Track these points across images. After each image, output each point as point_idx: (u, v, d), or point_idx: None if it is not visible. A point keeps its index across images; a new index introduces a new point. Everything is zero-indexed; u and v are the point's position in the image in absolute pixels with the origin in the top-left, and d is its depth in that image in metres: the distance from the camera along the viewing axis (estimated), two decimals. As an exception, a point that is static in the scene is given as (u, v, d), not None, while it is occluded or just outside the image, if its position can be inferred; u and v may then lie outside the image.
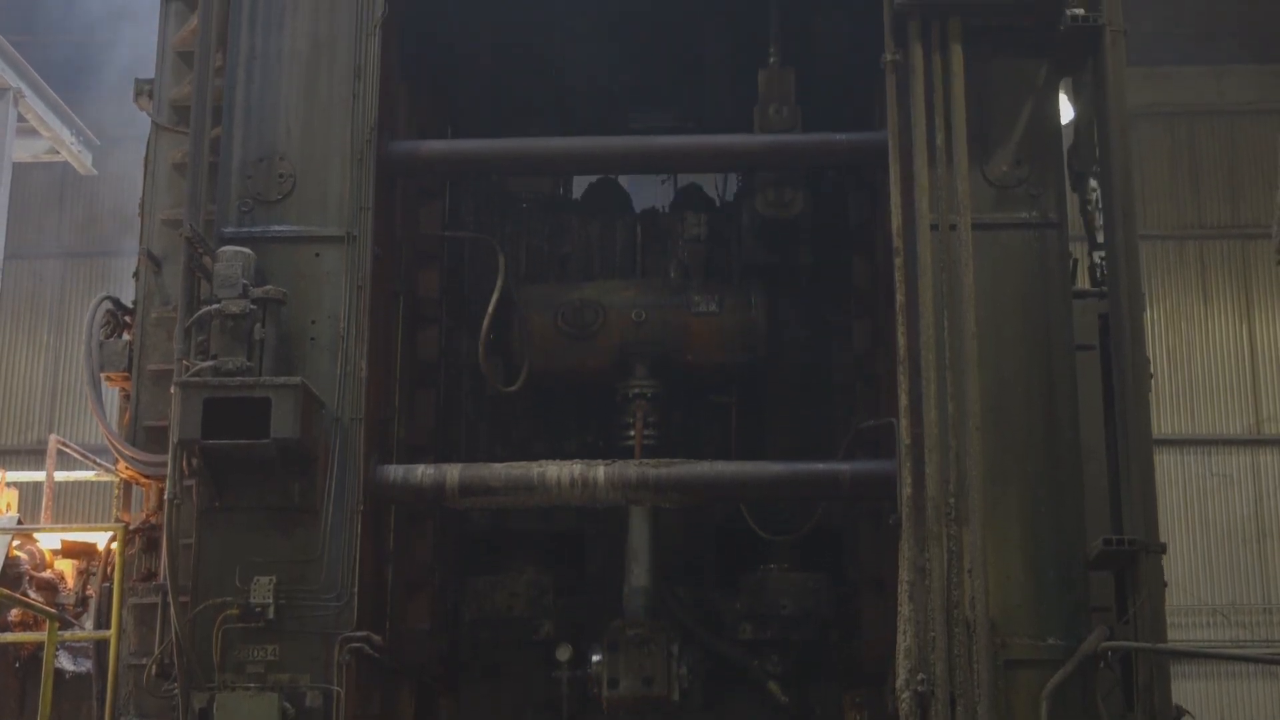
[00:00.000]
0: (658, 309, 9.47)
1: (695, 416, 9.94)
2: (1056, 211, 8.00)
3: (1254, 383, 22.45)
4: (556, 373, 9.59)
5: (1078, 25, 8.08)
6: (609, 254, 10.02)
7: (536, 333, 9.50)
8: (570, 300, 9.48)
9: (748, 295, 9.54)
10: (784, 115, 9.08)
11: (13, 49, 17.83)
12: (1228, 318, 22.60)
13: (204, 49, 8.32)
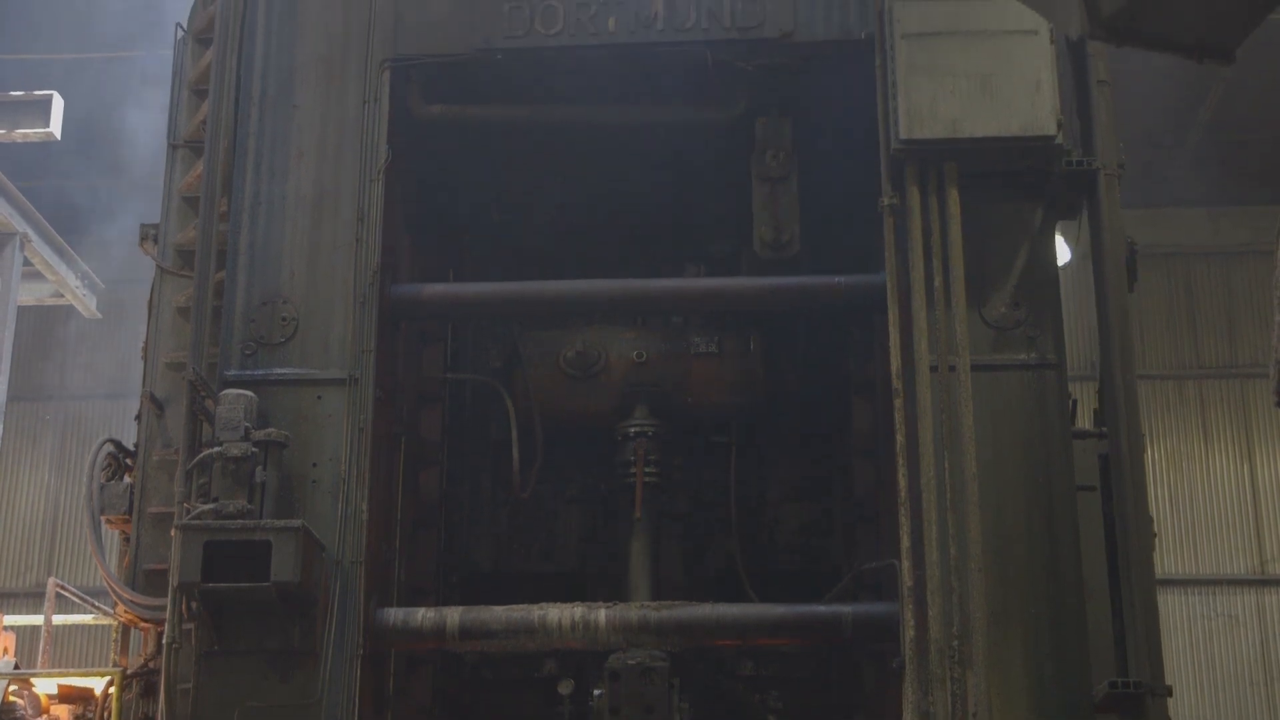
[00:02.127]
0: (658, 350, 9.58)
1: (695, 456, 10.00)
2: (1055, 352, 8.03)
3: (1257, 522, 22.35)
4: (559, 415, 9.66)
5: (1073, 170, 8.20)
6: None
7: (539, 377, 9.58)
8: (572, 344, 9.55)
9: (747, 339, 9.63)
10: (780, 161, 9.20)
11: (19, 194, 18.02)
12: (1229, 457, 22.56)
13: (209, 194, 8.42)
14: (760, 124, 9.22)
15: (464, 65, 8.79)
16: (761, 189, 9.19)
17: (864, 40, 8.45)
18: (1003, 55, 7.99)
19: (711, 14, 8.66)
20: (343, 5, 8.82)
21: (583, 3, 8.73)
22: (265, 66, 8.76)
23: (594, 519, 10.07)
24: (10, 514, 23.68)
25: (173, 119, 9.17)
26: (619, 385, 9.52)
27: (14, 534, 23.62)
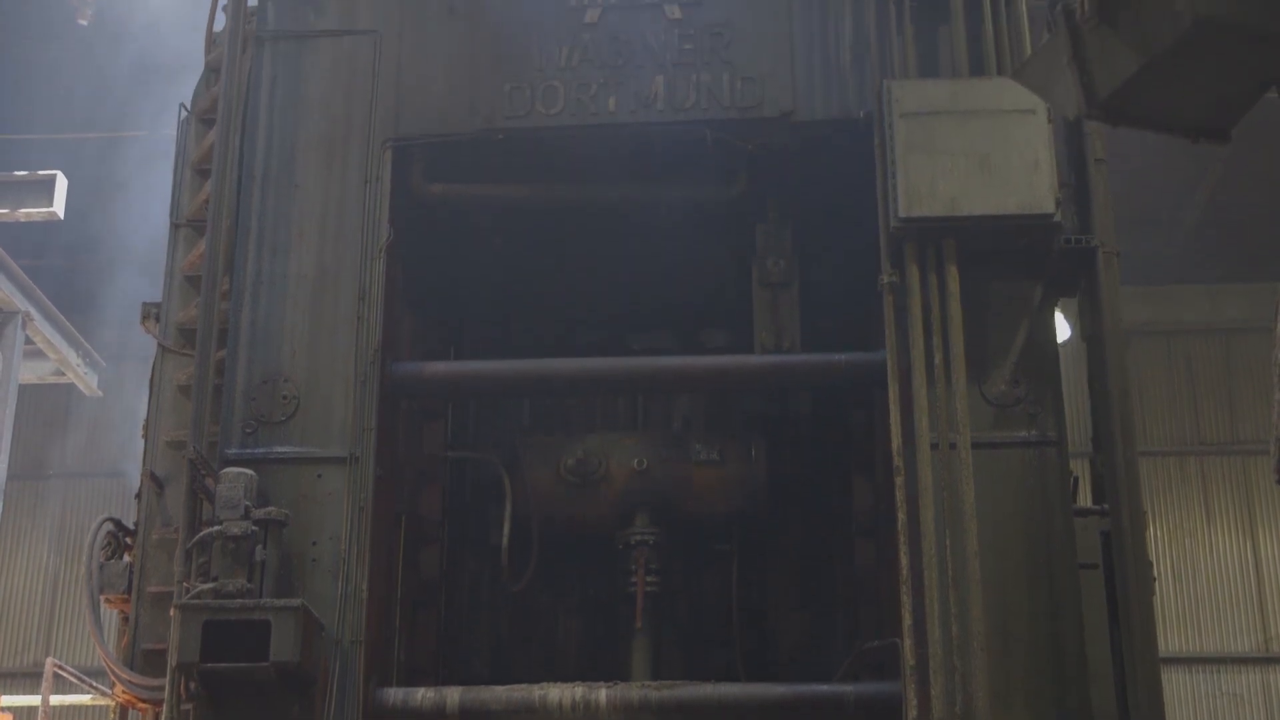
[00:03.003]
0: (659, 458, 9.53)
1: (697, 564, 9.95)
2: (1055, 429, 8.03)
3: (1261, 600, 22.29)
4: (559, 523, 9.61)
5: (1071, 248, 8.23)
6: (611, 407, 10.10)
7: (539, 485, 9.54)
8: (573, 452, 9.53)
9: (748, 446, 9.61)
10: (781, 267, 9.22)
11: (22, 272, 18.09)
12: (1231, 534, 22.53)
13: (211, 273, 8.45)
14: (760, 230, 9.27)
15: (465, 145, 8.84)
16: (763, 294, 9.21)
17: (863, 119, 8.50)
18: (1001, 134, 8.04)
19: (711, 94, 8.72)
20: (345, 86, 8.90)
21: (583, 83, 8.80)
22: (268, 146, 8.82)
23: (595, 628, 10.01)
24: (8, 592, 23.62)
25: (175, 198, 9.22)
26: (619, 493, 9.48)
27: (12, 612, 23.54)
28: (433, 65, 8.92)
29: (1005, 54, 8.52)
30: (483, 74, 8.87)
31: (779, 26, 8.83)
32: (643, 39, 8.86)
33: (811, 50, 8.78)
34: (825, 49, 8.77)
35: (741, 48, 8.80)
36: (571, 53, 8.87)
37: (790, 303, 9.20)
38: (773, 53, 8.78)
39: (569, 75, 8.81)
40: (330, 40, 9.01)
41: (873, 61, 8.61)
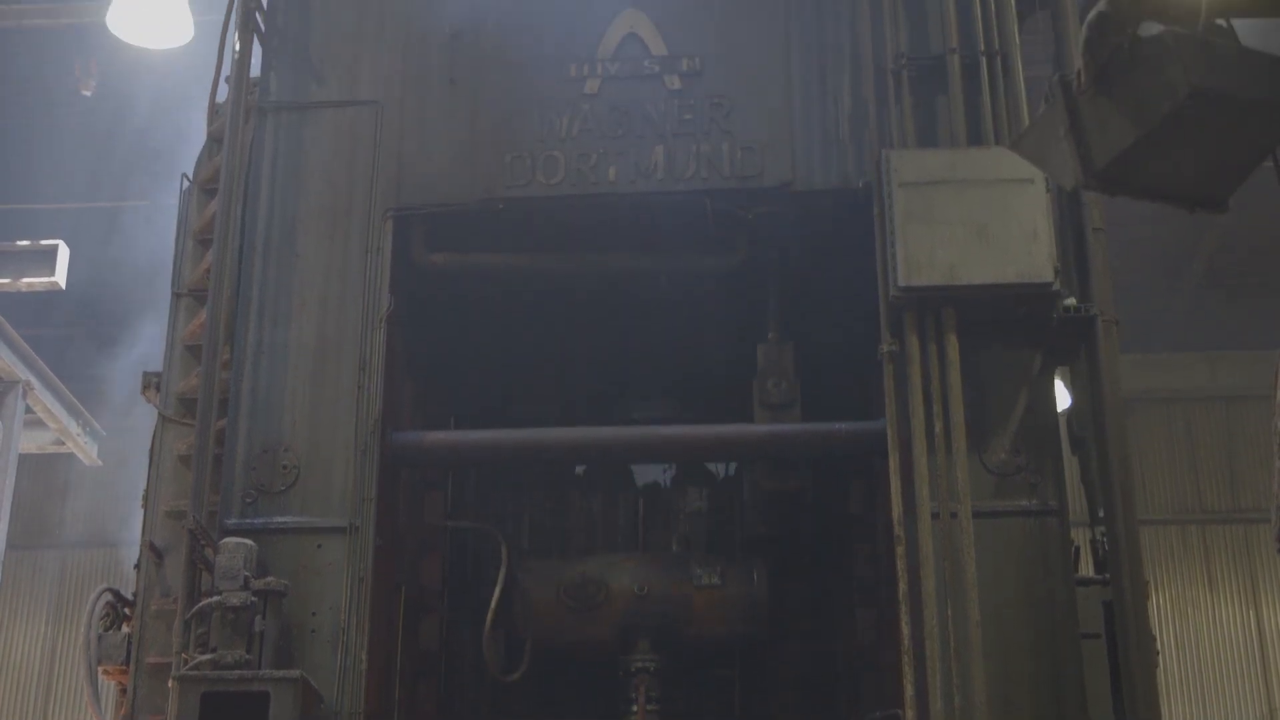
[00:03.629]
0: (660, 582, 9.48)
1: (699, 690, 9.88)
2: (1056, 498, 8.02)
3: (1264, 670, 22.15)
4: (558, 646, 9.56)
5: (1070, 316, 8.25)
6: (611, 528, 10.07)
7: (539, 608, 9.48)
8: (573, 575, 9.50)
9: (750, 568, 9.56)
10: (783, 389, 9.21)
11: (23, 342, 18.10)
12: (1234, 604, 22.43)
13: (212, 342, 8.46)
14: (761, 350, 9.29)
15: (466, 214, 8.88)
16: (763, 416, 9.22)
17: (862, 189, 8.54)
18: (999, 204, 8.08)
19: (711, 164, 8.76)
20: (347, 156, 8.94)
21: (583, 153, 8.84)
22: (269, 216, 8.86)
23: None
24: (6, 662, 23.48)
25: (177, 268, 9.24)
26: (619, 618, 9.45)
27: (9, 684, 23.40)
28: (434, 135, 8.97)
29: (1003, 124, 8.56)
30: (483, 144, 8.92)
31: (778, 97, 8.89)
32: (643, 109, 8.91)
33: (811, 120, 8.83)
34: (824, 119, 8.82)
35: (741, 118, 8.85)
36: (572, 123, 8.92)
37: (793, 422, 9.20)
38: (772, 123, 8.83)
39: (569, 145, 8.86)
40: (332, 111, 9.07)
41: (871, 132, 8.65)
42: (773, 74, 8.94)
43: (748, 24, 9.06)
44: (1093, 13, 4.56)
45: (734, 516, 9.95)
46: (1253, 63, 4.48)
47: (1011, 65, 8.70)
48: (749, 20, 9.07)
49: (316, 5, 9.32)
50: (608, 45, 9.05)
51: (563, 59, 9.05)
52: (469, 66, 9.10)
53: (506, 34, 9.16)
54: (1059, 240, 8.18)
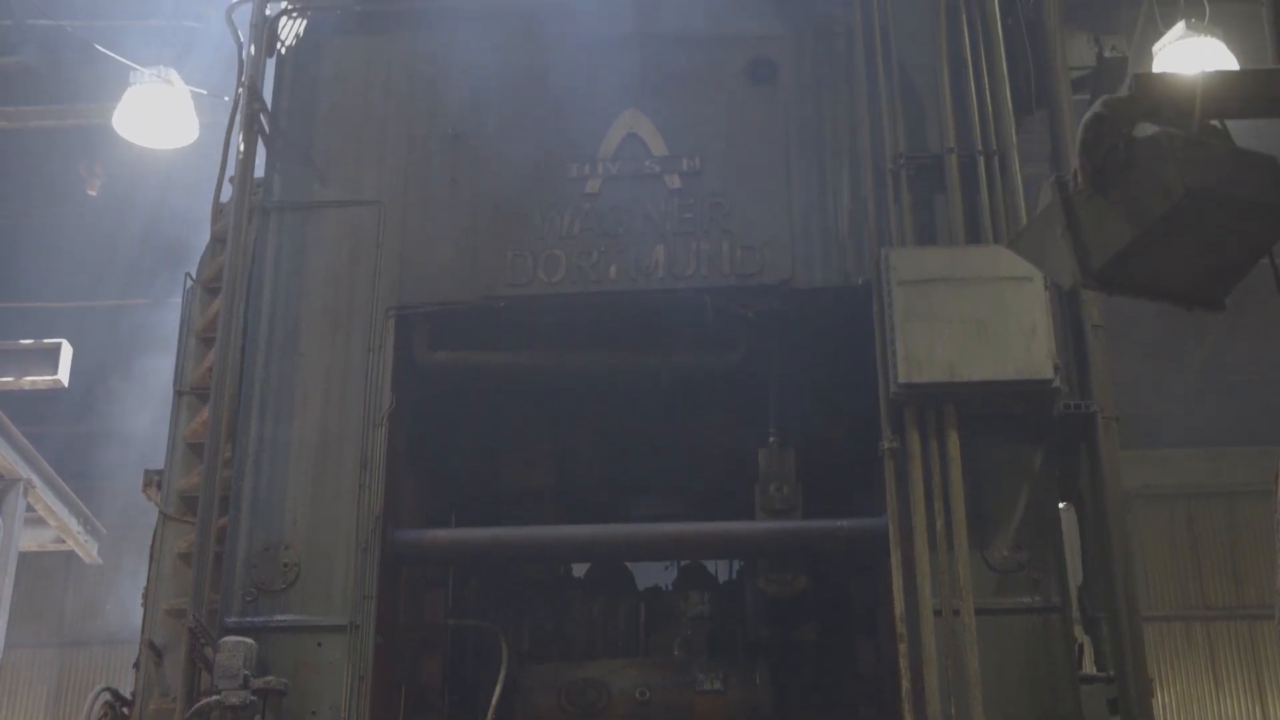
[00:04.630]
0: (662, 687, 9.41)
1: None
2: (1059, 594, 7.99)
3: (1271, 766, 21.97)
4: None
5: (1071, 413, 8.26)
6: (613, 633, 10.00)
7: (540, 711, 9.41)
8: (574, 680, 9.43)
9: (753, 672, 9.49)
10: (784, 494, 9.21)
11: (25, 440, 18.11)
12: (1240, 700, 22.25)
13: (214, 440, 8.47)
14: (763, 455, 9.31)
15: (468, 313, 8.92)
16: (765, 521, 9.23)
17: (861, 286, 8.58)
18: (998, 301, 8.12)
19: (711, 262, 8.82)
20: (349, 255, 9.00)
21: (584, 251, 8.90)
22: (272, 314, 8.90)
23: None
24: (4, 763, 23.30)
25: (179, 366, 9.27)
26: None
27: (7, 784, 23.20)
28: (435, 234, 9.03)
29: (1001, 222, 8.62)
30: (485, 242, 8.98)
31: (778, 196, 8.96)
32: (643, 208, 8.98)
33: (810, 219, 8.89)
34: (824, 217, 8.89)
35: (741, 216, 8.92)
36: (573, 222, 8.98)
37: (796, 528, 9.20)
38: (772, 221, 8.89)
39: (570, 244, 8.92)
40: (335, 210, 9.14)
41: (870, 229, 8.71)
42: (772, 173, 9.02)
43: (747, 124, 9.16)
44: (1088, 114, 4.62)
45: (736, 620, 9.89)
46: (1247, 163, 4.53)
47: (1009, 164, 8.77)
48: (748, 120, 9.17)
49: (320, 107, 9.43)
50: (609, 145, 9.14)
51: (564, 159, 9.13)
52: (470, 166, 9.18)
53: (508, 134, 9.25)
54: (1058, 337, 8.22)
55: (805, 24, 9.40)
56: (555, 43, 9.44)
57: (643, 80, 9.30)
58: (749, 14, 9.46)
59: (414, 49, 9.56)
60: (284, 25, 9.63)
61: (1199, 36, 12.66)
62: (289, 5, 9.65)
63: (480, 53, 9.45)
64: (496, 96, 9.36)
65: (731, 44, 9.37)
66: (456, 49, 9.49)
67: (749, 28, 9.42)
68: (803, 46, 9.35)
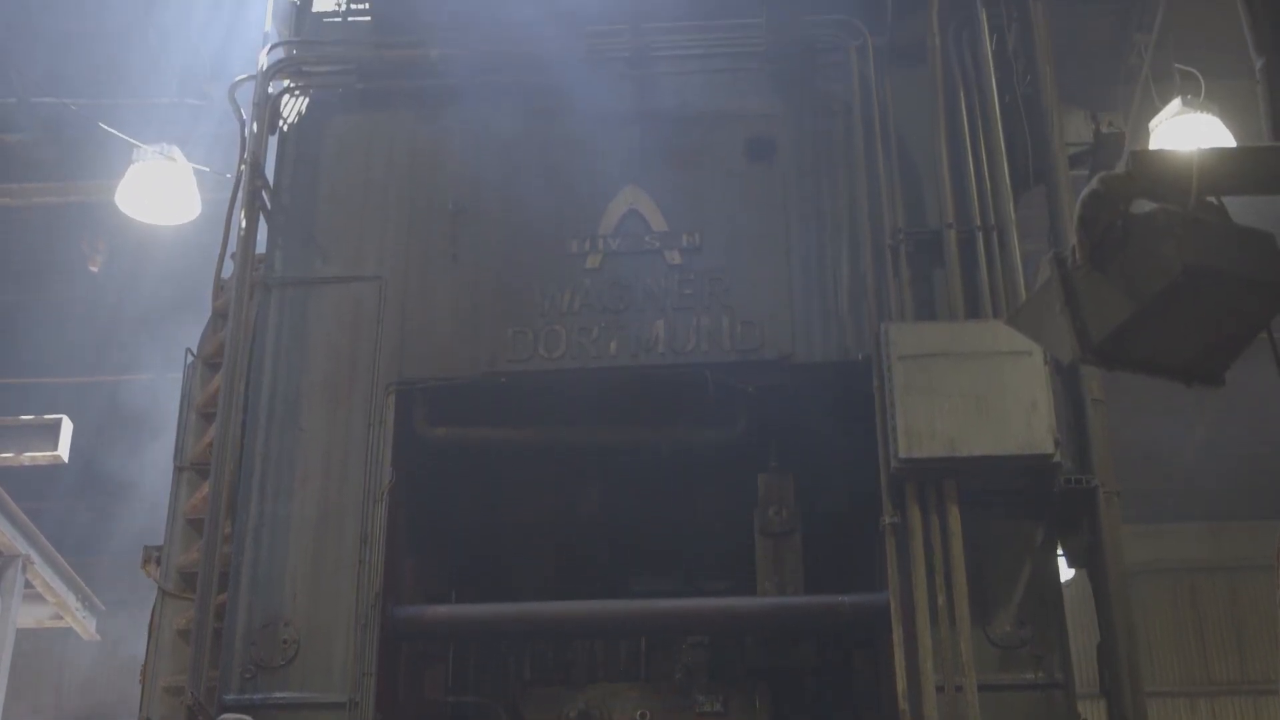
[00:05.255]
0: (662, 710, 9.39)
1: None
2: (1062, 671, 7.95)
3: (1276, 843, 21.78)
4: None
5: (1072, 488, 8.25)
6: (614, 658, 9.98)
7: None
8: (575, 704, 9.41)
9: (752, 696, 9.45)
10: (784, 517, 9.21)
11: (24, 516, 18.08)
12: (1245, 775, 22.11)
13: (214, 516, 8.46)
14: (762, 480, 9.33)
15: (468, 388, 8.93)
16: (765, 544, 9.24)
17: (861, 361, 8.60)
18: (997, 376, 8.13)
19: (711, 337, 8.84)
20: (350, 331, 9.03)
21: (585, 327, 8.93)
22: (273, 389, 8.92)
23: None
24: (-3, 845, 23.08)
25: (179, 441, 9.28)
26: None
27: None
28: (436, 309, 9.06)
29: (1000, 297, 8.65)
30: (485, 318, 9.01)
31: (777, 271, 9.00)
32: (643, 284, 9.02)
33: (810, 294, 8.93)
34: (823, 293, 8.92)
35: (741, 292, 8.95)
36: (573, 298, 9.02)
37: (793, 551, 9.22)
38: (772, 297, 8.92)
39: (571, 320, 8.95)
40: (336, 286, 9.17)
41: (870, 305, 8.74)
42: (772, 248, 9.06)
43: (746, 200, 9.21)
44: (1086, 191, 4.65)
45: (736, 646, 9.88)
46: (1245, 240, 4.55)
47: (1008, 239, 8.81)
48: (748, 196, 9.22)
49: (322, 183, 9.49)
50: (609, 221, 9.19)
51: (564, 234, 9.18)
52: (471, 242, 9.23)
53: (508, 210, 9.30)
54: (1059, 411, 8.22)
55: (804, 101, 9.48)
56: (556, 119, 9.52)
57: (643, 157, 9.37)
58: (748, 91, 9.54)
59: (415, 126, 9.63)
60: (286, 103, 9.71)
61: (1195, 113, 12.75)
62: (291, 83, 9.73)
63: (481, 129, 9.53)
64: (497, 172, 9.42)
65: (731, 121, 9.44)
66: (458, 125, 9.57)
67: (748, 105, 9.49)
68: (801, 123, 9.42)
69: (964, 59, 9.34)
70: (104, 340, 18.91)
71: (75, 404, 18.53)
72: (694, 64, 9.62)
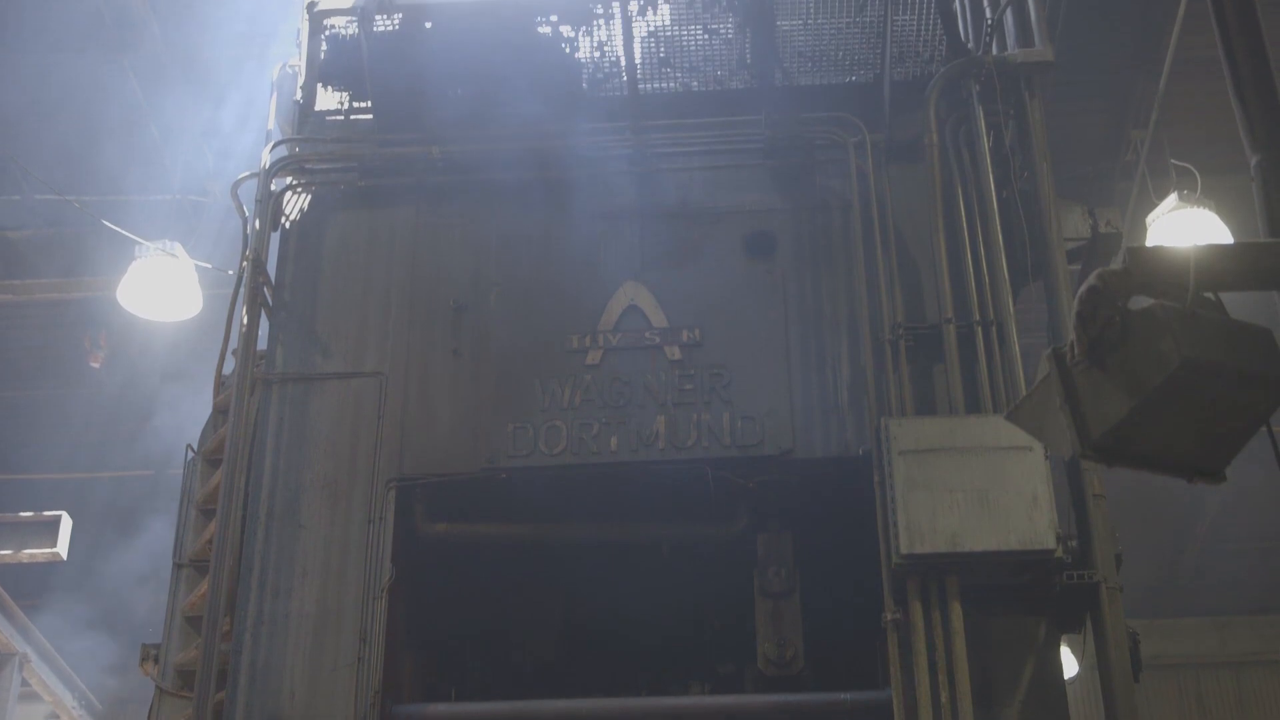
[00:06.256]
0: None
1: None
2: (1066, 769, 7.91)
3: None
4: None
5: (1074, 583, 8.21)
6: None
7: None
8: None
9: None
10: (782, 577, 9.15)
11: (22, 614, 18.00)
12: None
13: (213, 613, 8.43)
14: (762, 540, 9.30)
15: (469, 484, 8.92)
16: (764, 605, 9.20)
17: (862, 456, 8.60)
18: (999, 470, 8.11)
19: (712, 433, 8.85)
20: (350, 427, 9.03)
21: (585, 423, 8.93)
22: (273, 486, 8.91)
23: None
24: None
25: (179, 538, 9.27)
26: None
27: None
28: (437, 405, 9.07)
29: (1000, 391, 8.66)
30: (486, 414, 9.02)
31: (778, 366, 9.01)
32: (644, 380, 9.04)
33: (810, 389, 8.94)
34: (823, 388, 8.93)
35: (741, 387, 8.97)
36: (574, 393, 9.03)
37: (793, 612, 9.15)
38: (772, 392, 8.94)
39: (571, 415, 8.96)
40: (337, 382, 9.19)
41: (870, 400, 8.75)
42: (772, 344, 9.09)
43: (746, 295, 9.25)
44: (1083, 287, 4.66)
45: None
46: (1242, 335, 4.56)
47: (1007, 334, 8.84)
48: (747, 292, 9.26)
49: (323, 279, 9.53)
50: (609, 317, 9.23)
51: (565, 330, 9.21)
52: (472, 338, 9.26)
53: (509, 306, 9.34)
54: (1060, 506, 8.19)
55: (803, 197, 9.55)
56: (556, 216, 9.58)
57: (643, 253, 9.42)
58: (747, 188, 9.61)
59: (417, 222, 9.69)
60: (289, 200, 9.78)
61: (1192, 208, 12.83)
62: (294, 180, 9.81)
63: (482, 225, 9.59)
64: (498, 269, 9.47)
65: (730, 217, 9.50)
66: (459, 222, 9.63)
67: (748, 201, 9.56)
68: (800, 219, 9.48)
69: (961, 155, 9.42)
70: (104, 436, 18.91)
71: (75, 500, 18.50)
72: (694, 160, 9.70)
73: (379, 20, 9.73)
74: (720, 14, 9.71)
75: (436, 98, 9.81)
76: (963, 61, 9.52)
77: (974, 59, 9.54)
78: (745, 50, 9.86)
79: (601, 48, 9.86)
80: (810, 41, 9.86)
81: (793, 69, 9.93)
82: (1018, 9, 9.79)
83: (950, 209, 9.19)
